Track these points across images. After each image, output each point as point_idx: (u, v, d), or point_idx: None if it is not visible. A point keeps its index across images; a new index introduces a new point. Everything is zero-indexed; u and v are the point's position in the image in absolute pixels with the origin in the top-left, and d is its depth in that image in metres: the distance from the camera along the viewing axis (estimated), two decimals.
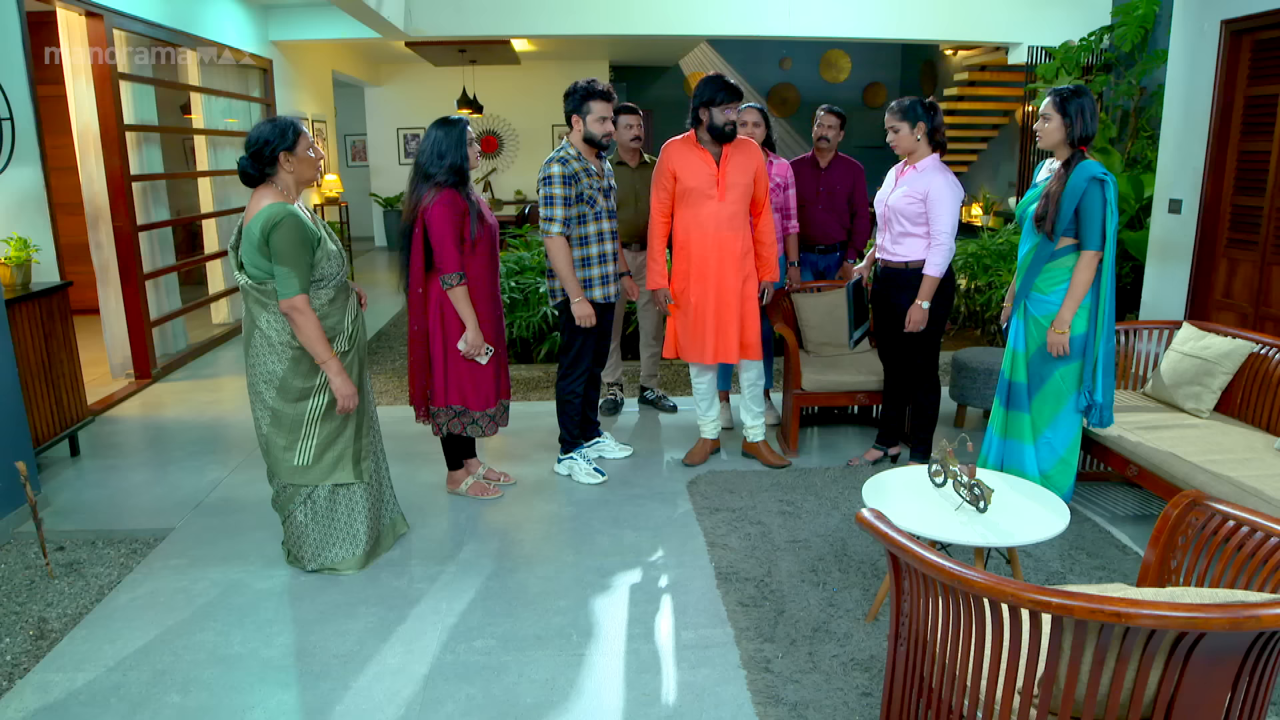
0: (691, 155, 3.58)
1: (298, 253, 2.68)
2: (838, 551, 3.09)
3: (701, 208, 3.58)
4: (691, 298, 3.65)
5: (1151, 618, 1.29)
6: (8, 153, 3.98)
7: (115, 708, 2.30)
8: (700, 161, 3.57)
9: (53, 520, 3.46)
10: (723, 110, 3.48)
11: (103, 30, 4.82)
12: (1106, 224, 2.97)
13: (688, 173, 3.57)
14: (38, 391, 3.76)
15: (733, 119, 3.50)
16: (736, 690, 2.33)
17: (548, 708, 2.27)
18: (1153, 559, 2.01)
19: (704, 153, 3.57)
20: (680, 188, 3.60)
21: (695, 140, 3.59)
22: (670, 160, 3.60)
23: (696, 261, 3.62)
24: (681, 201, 3.62)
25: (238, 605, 2.81)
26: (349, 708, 2.29)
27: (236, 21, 6.84)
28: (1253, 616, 1.27)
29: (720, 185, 3.57)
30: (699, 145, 3.58)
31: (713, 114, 3.49)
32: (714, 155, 3.58)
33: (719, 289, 3.62)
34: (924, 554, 1.58)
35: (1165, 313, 4.89)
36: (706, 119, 3.51)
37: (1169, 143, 4.86)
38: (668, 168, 3.60)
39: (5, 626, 2.72)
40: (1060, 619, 1.41)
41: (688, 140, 3.61)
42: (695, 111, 3.54)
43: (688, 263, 3.65)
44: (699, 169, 3.56)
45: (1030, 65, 7.99)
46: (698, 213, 3.59)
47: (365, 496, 3.02)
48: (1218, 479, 2.76)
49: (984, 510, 2.41)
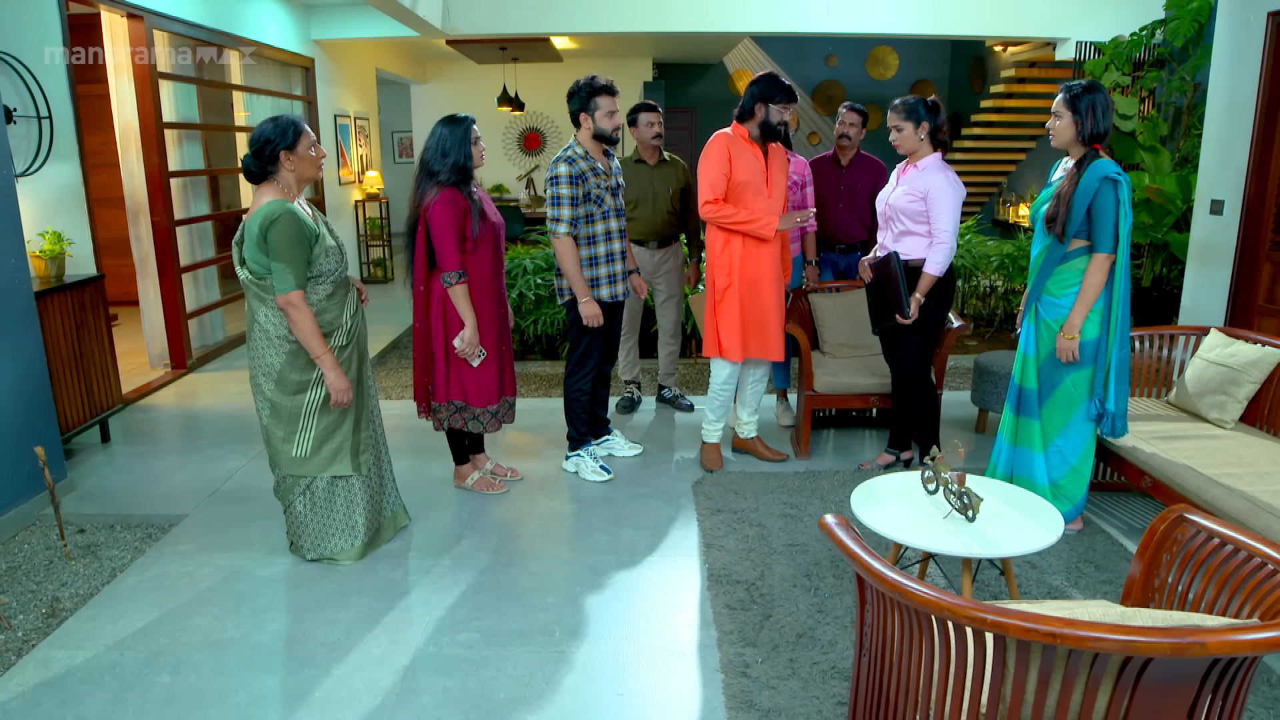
0: (744, 149, 3.54)
1: (294, 249, 2.73)
2: (835, 556, 3.04)
3: (754, 203, 3.53)
4: (739, 294, 3.58)
5: (1088, 640, 1.23)
6: (46, 150, 4.15)
7: (109, 685, 2.38)
8: (752, 156, 3.54)
9: (77, 504, 3.60)
10: (781, 109, 3.47)
11: (143, 31, 4.99)
12: (1120, 225, 2.86)
13: (741, 165, 3.51)
14: (68, 380, 3.91)
15: (787, 120, 3.49)
16: (711, 694, 2.31)
17: (520, 703, 2.28)
18: (1138, 575, 1.93)
19: (755, 148, 3.55)
20: (734, 181, 3.53)
21: (746, 136, 3.56)
22: (727, 150, 3.50)
23: (743, 259, 3.56)
24: (732, 195, 3.54)
25: (237, 591, 2.88)
26: (327, 694, 2.33)
27: (278, 21, 7.02)
28: (1198, 643, 1.21)
29: (769, 183, 3.54)
30: (751, 141, 3.55)
31: (770, 110, 3.47)
32: (763, 151, 3.56)
33: (768, 287, 3.59)
34: (873, 564, 1.54)
35: (1205, 318, 4.69)
36: (762, 114, 3.48)
37: (1211, 140, 4.66)
38: (725, 158, 3.49)
39: (21, 604, 2.84)
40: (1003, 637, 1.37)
41: (740, 134, 3.56)
42: (750, 106, 3.50)
43: (732, 259, 3.57)
44: (751, 164, 3.53)
45: (1078, 61, 7.73)
46: (751, 207, 3.53)
47: (364, 489, 3.07)
48: (1231, 493, 2.63)
49: (972, 519, 2.34)
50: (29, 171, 4.09)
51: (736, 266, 3.56)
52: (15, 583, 2.97)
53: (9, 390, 3.34)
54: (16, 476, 3.36)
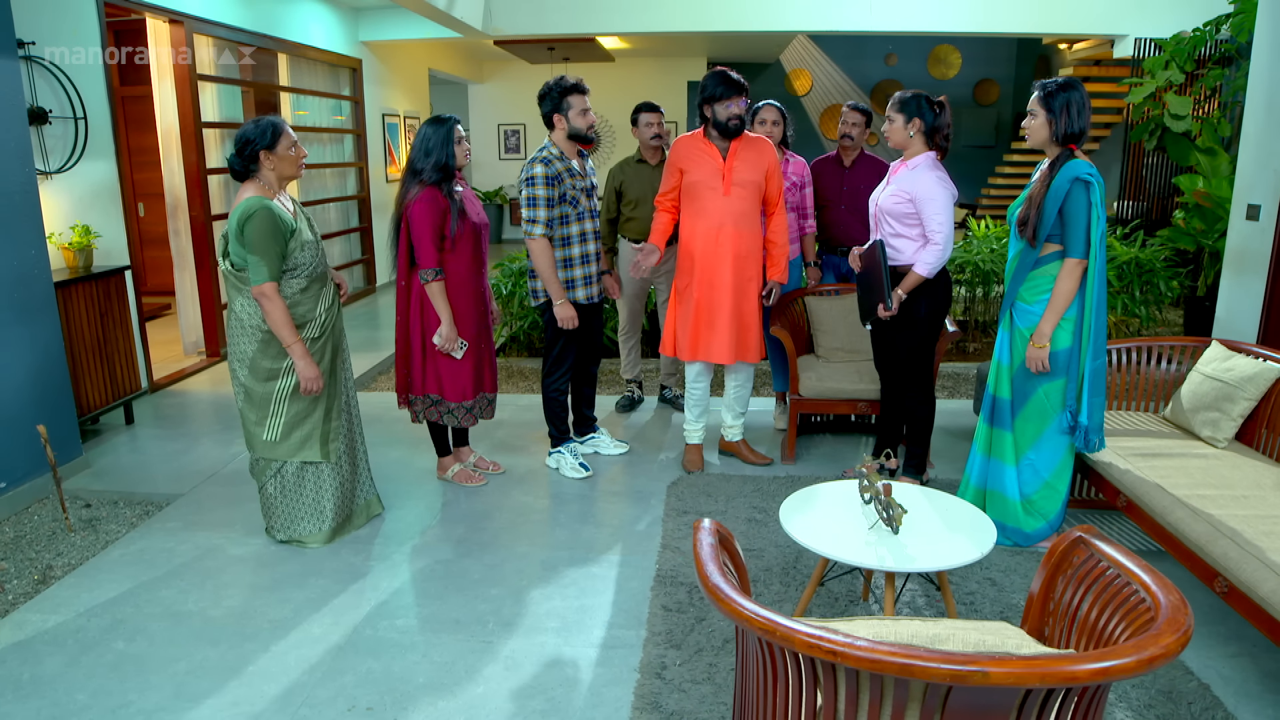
0: (698, 149, 3.56)
1: (267, 243, 2.86)
2: (788, 563, 3.00)
3: (706, 201, 3.54)
4: (694, 294, 3.61)
5: (864, 660, 1.19)
6: (80, 148, 4.43)
7: (69, 648, 2.55)
8: (706, 155, 3.54)
9: (89, 480, 3.84)
10: (725, 105, 3.44)
11: (183, 35, 5.27)
12: (1092, 229, 2.73)
13: (693, 165, 3.55)
14: (91, 364, 4.17)
15: (736, 113, 3.46)
16: (621, 693, 2.32)
17: (434, 688, 2.34)
18: (1036, 594, 1.85)
19: (710, 147, 3.55)
20: (686, 181, 3.58)
21: (703, 135, 3.56)
22: (677, 155, 3.59)
23: (700, 257, 3.58)
24: (686, 196, 3.60)
25: (207, 568, 3.04)
26: (260, 668, 2.44)
27: (325, 24, 7.29)
28: (980, 672, 1.16)
29: (726, 180, 3.52)
30: (706, 140, 3.55)
31: (715, 109, 3.46)
32: (721, 150, 3.54)
33: (721, 286, 3.57)
34: (710, 577, 1.52)
35: (1240, 331, 4.41)
36: (710, 115, 3.48)
37: (1249, 141, 4.38)
38: (675, 163, 3.60)
39: (18, 570, 3.05)
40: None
41: (696, 136, 3.59)
42: (700, 108, 3.52)
43: (691, 259, 3.61)
44: (704, 163, 3.54)
45: (1136, 59, 7.36)
46: (703, 206, 3.55)
47: (334, 476, 3.18)
48: (1196, 516, 2.49)
49: (896, 531, 2.28)
50: (64, 169, 4.37)
51: (695, 267, 3.55)
52: (18, 550, 3.20)
53: (28, 372, 3.59)
54: (32, 452, 3.61)
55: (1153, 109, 7.07)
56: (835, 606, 2.74)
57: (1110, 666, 1.18)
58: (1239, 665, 2.45)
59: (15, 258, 3.53)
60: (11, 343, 3.52)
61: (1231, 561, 2.28)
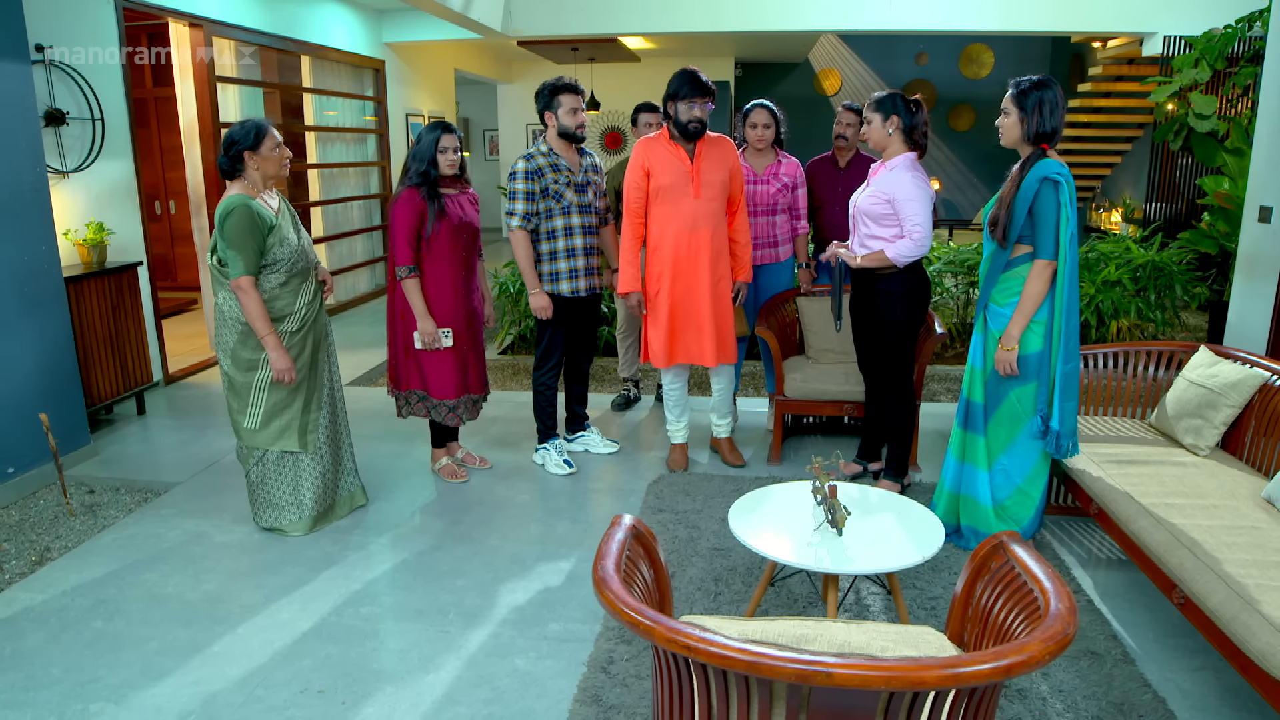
0: (664, 151, 3.55)
1: (244, 239, 2.96)
2: (753, 564, 3.00)
3: (679, 205, 3.53)
4: (667, 299, 3.62)
5: (716, 656, 1.21)
6: (97, 148, 4.61)
7: (51, 625, 2.67)
8: (673, 158, 3.53)
9: (94, 467, 4.00)
10: (688, 105, 3.43)
11: (202, 37, 5.44)
12: (1061, 230, 2.69)
13: (661, 169, 3.53)
14: (102, 356, 4.34)
15: (697, 115, 3.45)
16: (565, 685, 2.35)
17: (387, 675, 2.40)
18: (959, 597, 1.84)
19: (677, 149, 3.54)
20: (654, 185, 3.55)
21: (668, 137, 3.56)
22: (643, 157, 3.56)
23: (672, 262, 3.58)
24: (656, 200, 3.57)
25: (190, 553, 3.15)
26: (224, 649, 2.53)
27: (347, 26, 7.45)
28: (823, 673, 1.17)
29: (695, 182, 3.52)
30: (671, 142, 3.55)
31: (677, 109, 3.46)
32: (688, 152, 3.54)
33: (697, 289, 3.58)
34: (601, 569, 1.54)
35: (1251, 338, 4.29)
36: (673, 113, 3.48)
37: (1262, 142, 4.26)
38: (640, 165, 3.57)
39: (18, 551, 3.20)
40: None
41: (660, 137, 3.59)
42: (664, 107, 3.53)
43: (663, 264, 3.61)
44: (673, 165, 3.52)
45: (1165, 57, 7.17)
46: (676, 210, 3.54)
47: (314, 466, 3.27)
48: (1158, 525, 2.44)
49: (840, 533, 2.28)
50: (81, 168, 4.55)
51: (667, 271, 3.56)
52: (20, 533, 3.35)
53: (37, 363, 3.75)
54: (40, 440, 3.76)
55: (1179, 108, 6.88)
56: (793, 607, 2.74)
57: (962, 673, 1.18)
58: (1200, 679, 2.40)
59: (26, 253, 3.69)
60: (21, 334, 3.68)
61: (1187, 572, 2.24)
